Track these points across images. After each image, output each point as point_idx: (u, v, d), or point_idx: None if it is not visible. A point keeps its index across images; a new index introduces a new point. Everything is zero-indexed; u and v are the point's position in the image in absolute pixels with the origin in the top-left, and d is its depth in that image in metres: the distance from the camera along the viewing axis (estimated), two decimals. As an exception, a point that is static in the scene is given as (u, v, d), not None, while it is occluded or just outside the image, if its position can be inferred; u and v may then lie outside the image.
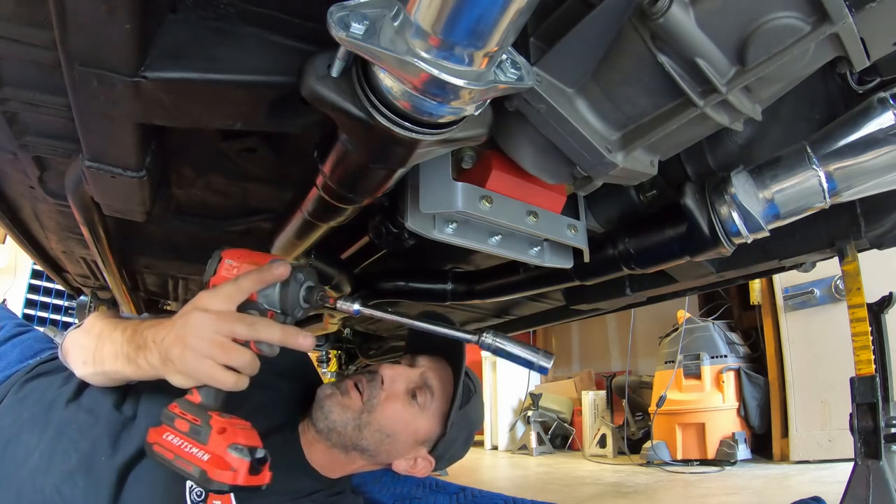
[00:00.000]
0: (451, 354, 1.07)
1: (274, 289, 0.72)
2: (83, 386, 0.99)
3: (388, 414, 0.99)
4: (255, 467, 0.66)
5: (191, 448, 0.67)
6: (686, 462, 3.29)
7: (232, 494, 0.85)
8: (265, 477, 0.68)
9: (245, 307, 0.72)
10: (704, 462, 3.21)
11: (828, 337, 2.88)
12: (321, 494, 1.00)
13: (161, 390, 0.99)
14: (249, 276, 0.72)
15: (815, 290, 3.01)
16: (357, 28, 0.42)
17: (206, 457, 0.66)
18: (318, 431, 0.98)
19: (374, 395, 0.98)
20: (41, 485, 0.85)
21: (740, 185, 0.77)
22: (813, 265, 1.13)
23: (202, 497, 0.87)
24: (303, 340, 0.73)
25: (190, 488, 0.87)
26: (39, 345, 1.15)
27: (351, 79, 0.52)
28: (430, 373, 1.04)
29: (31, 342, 1.15)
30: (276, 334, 0.72)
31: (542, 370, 0.70)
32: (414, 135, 0.52)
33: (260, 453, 0.67)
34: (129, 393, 0.96)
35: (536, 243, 0.88)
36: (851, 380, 0.91)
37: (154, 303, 2.38)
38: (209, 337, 0.70)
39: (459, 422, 1.05)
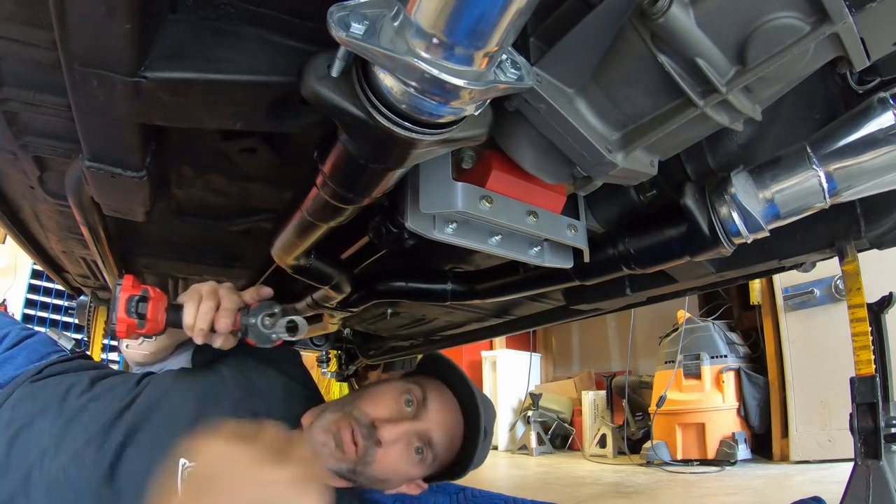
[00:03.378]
0: (467, 406, 1.03)
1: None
2: (96, 379, 1.01)
3: (385, 467, 0.96)
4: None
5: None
6: (686, 462, 3.29)
7: None
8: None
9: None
10: (704, 462, 3.21)
11: (828, 337, 2.88)
12: None
13: (160, 388, 1.00)
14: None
15: (815, 290, 3.01)
16: (357, 28, 0.42)
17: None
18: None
19: (369, 454, 0.94)
20: (49, 465, 0.86)
21: (740, 185, 0.77)
22: (813, 265, 1.12)
23: None
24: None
25: (182, 465, 0.88)
26: (45, 348, 1.17)
27: (351, 79, 0.52)
28: (437, 431, 0.98)
29: (36, 346, 1.16)
30: None
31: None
32: (414, 135, 0.52)
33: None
34: (135, 387, 0.98)
35: (536, 243, 0.88)
36: (851, 380, 0.91)
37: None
38: None
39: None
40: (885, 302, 1.07)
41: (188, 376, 1.04)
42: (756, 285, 3.38)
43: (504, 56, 0.48)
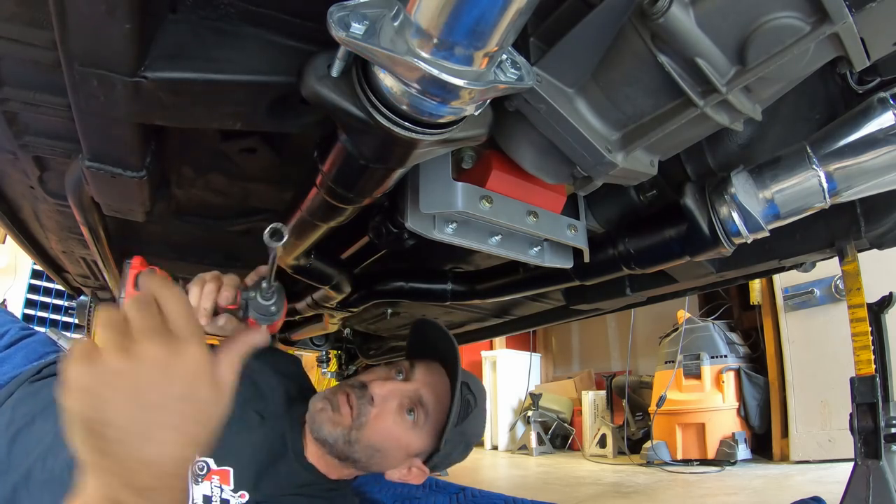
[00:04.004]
0: (449, 364, 1.06)
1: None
2: None
3: (379, 431, 0.97)
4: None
5: None
6: (686, 462, 3.29)
7: (231, 470, 0.88)
8: None
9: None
10: (704, 462, 3.21)
11: (828, 337, 2.88)
12: (318, 487, 1.00)
13: None
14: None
15: (815, 290, 3.01)
16: (357, 28, 0.42)
17: None
18: (314, 439, 0.98)
19: (363, 413, 0.97)
20: (51, 465, 0.86)
21: (740, 185, 0.77)
22: (813, 265, 1.13)
23: (203, 470, 0.89)
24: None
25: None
26: (44, 348, 1.17)
27: (351, 79, 0.52)
28: (424, 389, 1.01)
29: (35, 345, 1.17)
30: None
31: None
32: (414, 135, 0.52)
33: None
34: None
35: (536, 243, 0.88)
36: (851, 380, 0.91)
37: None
38: None
39: (456, 437, 1.03)
40: (885, 302, 1.07)
41: None
42: (756, 285, 3.38)
43: (504, 56, 0.48)
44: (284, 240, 0.61)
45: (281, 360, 1.21)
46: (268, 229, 0.60)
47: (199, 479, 0.89)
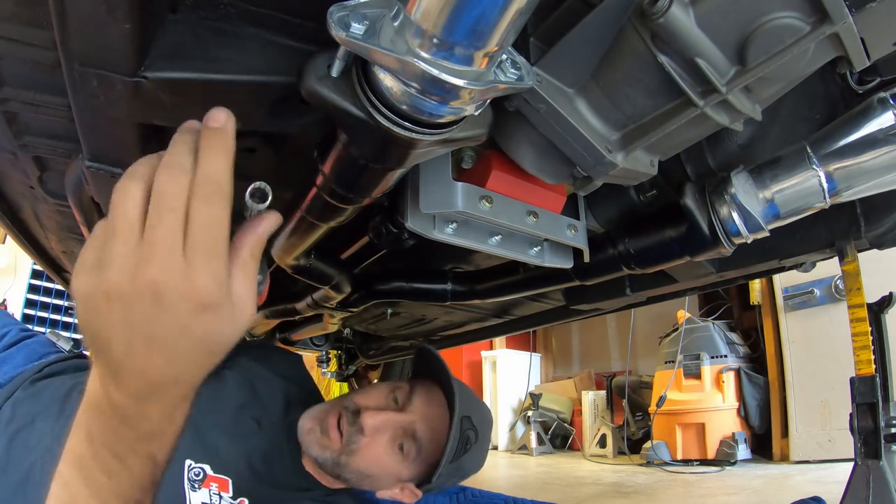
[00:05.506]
0: (450, 397, 1.00)
1: None
2: None
3: (368, 460, 0.94)
4: None
5: None
6: (686, 462, 3.29)
7: (230, 482, 0.88)
8: None
9: None
10: (704, 462, 3.21)
11: (828, 337, 2.88)
12: (316, 493, 1.00)
13: None
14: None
15: (815, 290, 3.01)
16: (357, 28, 0.42)
17: None
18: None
19: (353, 441, 0.93)
20: (50, 466, 0.86)
21: (740, 185, 0.77)
22: (813, 265, 1.13)
23: (200, 476, 0.89)
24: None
25: (188, 466, 0.88)
26: (44, 349, 1.17)
27: (351, 79, 0.52)
28: (420, 422, 0.96)
29: (35, 346, 1.17)
30: None
31: None
32: (414, 135, 0.52)
33: None
34: None
35: (536, 243, 0.88)
36: (851, 380, 0.91)
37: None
38: None
39: (450, 471, 0.99)
40: (885, 302, 1.07)
41: None
42: (756, 285, 3.38)
43: (504, 56, 0.48)
44: (269, 201, 0.54)
45: (281, 361, 1.20)
46: (249, 188, 0.53)
47: (197, 486, 0.89)
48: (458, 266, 1.44)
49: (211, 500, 0.89)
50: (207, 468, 0.90)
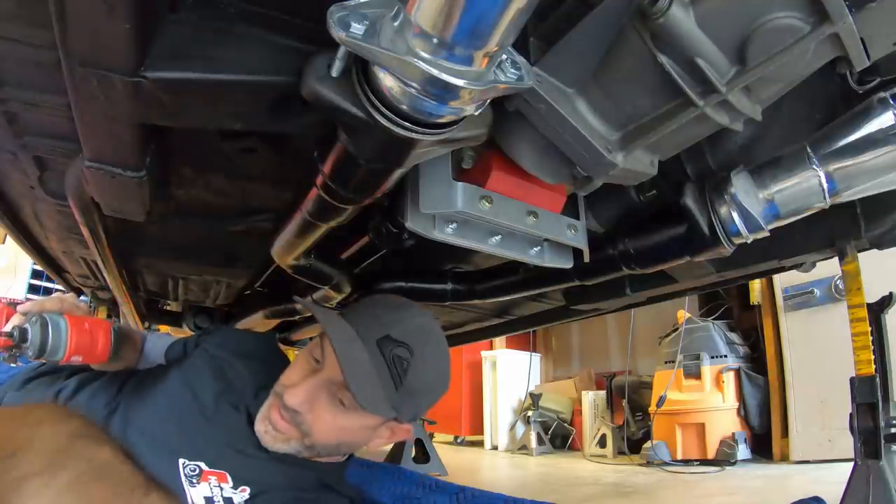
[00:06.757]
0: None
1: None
2: (82, 383, 1.01)
3: (326, 430, 0.91)
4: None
5: None
6: (686, 462, 3.28)
7: (228, 474, 0.88)
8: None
9: None
10: (704, 462, 3.21)
11: (828, 337, 2.88)
12: (314, 482, 0.98)
13: (142, 389, 1.02)
14: None
15: (815, 290, 3.01)
16: (357, 28, 0.42)
17: None
18: None
19: (302, 423, 0.90)
20: None
21: (740, 185, 0.77)
22: (813, 265, 1.13)
23: (196, 472, 0.89)
24: None
25: (182, 465, 0.88)
26: None
27: (351, 79, 0.52)
28: (335, 371, 0.89)
29: None
30: None
31: None
32: (414, 135, 0.52)
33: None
34: (118, 393, 0.99)
35: (536, 243, 0.88)
36: (851, 380, 0.91)
37: (154, 303, 2.38)
38: None
39: (411, 396, 0.91)
40: (885, 302, 1.07)
41: (168, 374, 1.03)
42: (756, 285, 3.37)
43: (504, 56, 0.48)
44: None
45: (242, 341, 1.16)
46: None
47: (195, 481, 0.89)
48: (458, 266, 1.44)
49: (212, 492, 0.88)
50: (202, 464, 0.90)
